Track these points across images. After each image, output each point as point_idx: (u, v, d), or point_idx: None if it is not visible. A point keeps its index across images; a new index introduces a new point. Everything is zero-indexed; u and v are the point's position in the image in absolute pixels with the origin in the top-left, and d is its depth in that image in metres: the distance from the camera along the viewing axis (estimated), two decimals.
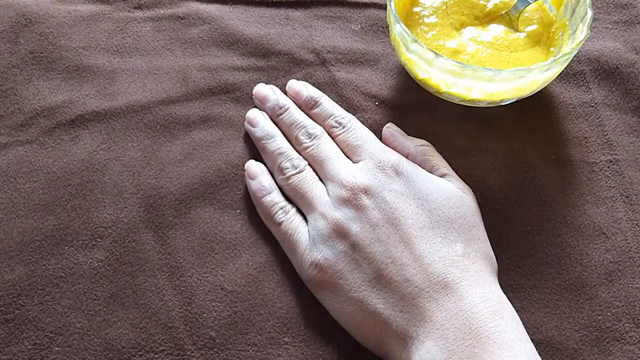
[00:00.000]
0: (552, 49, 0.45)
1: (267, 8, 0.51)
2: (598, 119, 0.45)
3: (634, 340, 0.36)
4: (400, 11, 0.44)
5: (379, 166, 0.38)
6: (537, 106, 0.45)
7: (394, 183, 0.37)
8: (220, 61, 0.48)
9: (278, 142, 0.41)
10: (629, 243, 0.40)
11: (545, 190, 0.42)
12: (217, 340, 0.36)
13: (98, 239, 0.39)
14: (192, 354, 0.35)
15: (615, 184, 0.42)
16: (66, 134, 0.44)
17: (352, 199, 0.36)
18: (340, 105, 0.44)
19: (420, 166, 0.39)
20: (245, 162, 0.42)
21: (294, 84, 0.45)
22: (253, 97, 0.45)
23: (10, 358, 0.35)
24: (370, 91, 0.46)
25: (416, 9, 0.46)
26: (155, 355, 0.35)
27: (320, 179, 0.40)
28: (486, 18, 0.46)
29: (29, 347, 0.35)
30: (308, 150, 0.40)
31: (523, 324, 0.33)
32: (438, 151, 0.41)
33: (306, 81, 0.46)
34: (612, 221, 0.40)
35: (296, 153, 0.41)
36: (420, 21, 0.45)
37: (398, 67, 0.48)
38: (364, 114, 0.45)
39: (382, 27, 0.50)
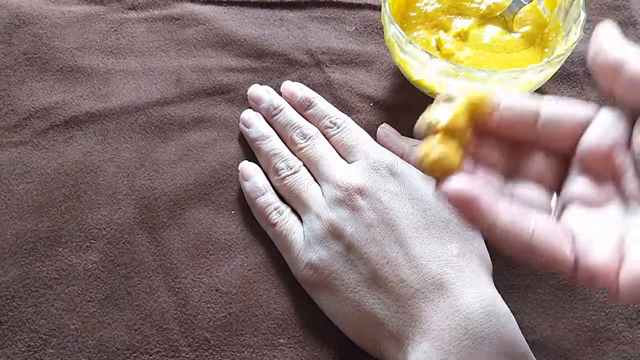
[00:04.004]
0: (546, 50, 0.45)
1: (261, 9, 0.51)
2: None
3: (628, 340, 0.36)
4: (395, 13, 0.44)
5: (373, 166, 0.38)
6: None
7: (388, 183, 0.37)
8: (215, 62, 0.48)
9: (273, 143, 0.41)
10: None
11: None
12: (212, 342, 0.36)
13: (92, 241, 0.39)
14: (187, 356, 0.35)
15: None
16: (60, 135, 0.43)
17: (346, 200, 0.36)
18: (334, 106, 0.44)
19: (415, 166, 0.39)
20: (240, 163, 0.42)
21: (289, 85, 0.45)
22: (248, 98, 0.45)
23: None
24: (364, 92, 0.46)
25: (412, 14, 0.46)
26: (150, 357, 0.35)
27: (315, 180, 0.40)
28: (481, 20, 0.46)
29: (22, 349, 0.35)
30: (303, 151, 0.41)
31: (517, 324, 0.33)
32: None
33: (301, 82, 0.46)
34: None
35: (291, 154, 0.41)
36: (414, 21, 0.46)
37: (392, 68, 0.48)
38: (359, 115, 0.45)
39: (377, 29, 0.50)
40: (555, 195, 0.28)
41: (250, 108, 0.45)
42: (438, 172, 0.26)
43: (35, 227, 0.39)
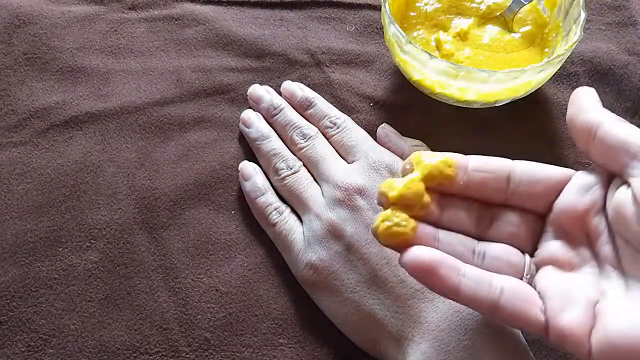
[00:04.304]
0: (546, 49, 0.45)
1: (261, 9, 0.51)
2: None
3: None
4: (395, 13, 0.44)
5: (373, 166, 0.38)
6: (531, 107, 0.45)
7: None
8: (215, 62, 0.48)
9: (273, 143, 0.41)
10: None
11: None
12: (212, 342, 0.36)
13: (92, 241, 0.39)
14: (187, 356, 0.35)
15: None
16: (60, 135, 0.43)
17: (346, 200, 0.36)
18: (334, 106, 0.44)
19: None
20: (240, 163, 0.42)
21: (289, 85, 0.45)
22: (248, 98, 0.45)
23: None
24: (364, 92, 0.46)
25: (412, 14, 0.46)
26: (150, 357, 0.35)
27: (315, 180, 0.40)
28: (481, 20, 0.46)
29: (22, 349, 0.35)
30: (303, 151, 0.41)
31: None
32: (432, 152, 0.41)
33: (301, 82, 0.46)
34: None
35: (291, 154, 0.41)
36: (414, 21, 0.46)
37: (392, 68, 0.48)
38: (359, 115, 0.45)
39: (377, 29, 0.50)
40: (528, 256, 0.29)
41: (250, 108, 0.45)
42: (391, 243, 0.27)
43: (35, 227, 0.39)
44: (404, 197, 0.28)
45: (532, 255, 0.29)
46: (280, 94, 0.45)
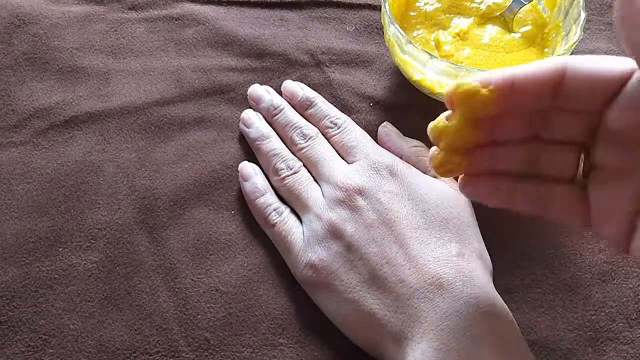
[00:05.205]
0: (546, 49, 0.45)
1: (261, 9, 0.51)
2: None
3: (628, 340, 0.36)
4: (395, 13, 0.44)
5: (373, 167, 0.38)
6: None
7: (388, 184, 0.37)
8: (215, 62, 0.48)
9: (273, 143, 0.41)
10: None
11: None
12: (211, 342, 0.36)
13: (92, 241, 0.39)
14: (187, 356, 0.35)
15: None
16: (60, 135, 0.43)
17: (346, 200, 0.36)
18: (335, 106, 0.44)
19: (414, 166, 0.39)
20: (240, 163, 0.42)
21: (289, 85, 0.45)
22: (248, 98, 0.45)
23: None
24: (364, 92, 0.46)
25: (412, 14, 0.46)
26: (150, 357, 0.35)
27: (315, 180, 0.40)
28: (481, 20, 0.46)
29: (22, 349, 0.35)
30: (303, 151, 0.41)
31: (517, 324, 0.33)
32: None
33: (301, 82, 0.46)
34: None
35: (291, 154, 0.41)
36: (414, 21, 0.46)
37: (392, 68, 0.48)
38: (359, 115, 0.45)
39: (377, 29, 0.50)
40: (582, 158, 0.29)
41: (251, 108, 0.45)
42: (447, 177, 0.32)
43: (35, 227, 0.39)
44: (455, 144, 0.30)
45: (587, 156, 0.29)
46: (280, 93, 0.45)
